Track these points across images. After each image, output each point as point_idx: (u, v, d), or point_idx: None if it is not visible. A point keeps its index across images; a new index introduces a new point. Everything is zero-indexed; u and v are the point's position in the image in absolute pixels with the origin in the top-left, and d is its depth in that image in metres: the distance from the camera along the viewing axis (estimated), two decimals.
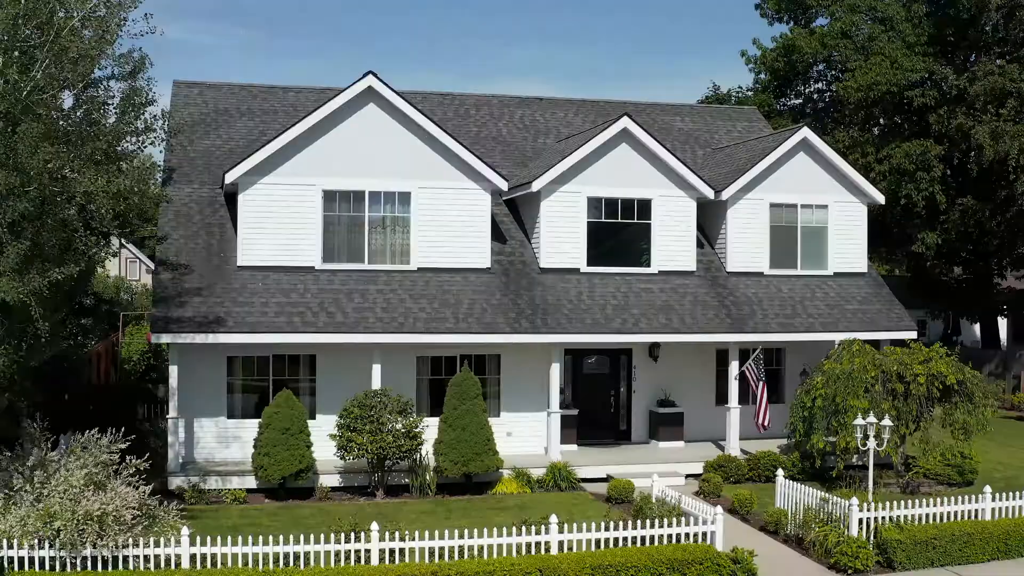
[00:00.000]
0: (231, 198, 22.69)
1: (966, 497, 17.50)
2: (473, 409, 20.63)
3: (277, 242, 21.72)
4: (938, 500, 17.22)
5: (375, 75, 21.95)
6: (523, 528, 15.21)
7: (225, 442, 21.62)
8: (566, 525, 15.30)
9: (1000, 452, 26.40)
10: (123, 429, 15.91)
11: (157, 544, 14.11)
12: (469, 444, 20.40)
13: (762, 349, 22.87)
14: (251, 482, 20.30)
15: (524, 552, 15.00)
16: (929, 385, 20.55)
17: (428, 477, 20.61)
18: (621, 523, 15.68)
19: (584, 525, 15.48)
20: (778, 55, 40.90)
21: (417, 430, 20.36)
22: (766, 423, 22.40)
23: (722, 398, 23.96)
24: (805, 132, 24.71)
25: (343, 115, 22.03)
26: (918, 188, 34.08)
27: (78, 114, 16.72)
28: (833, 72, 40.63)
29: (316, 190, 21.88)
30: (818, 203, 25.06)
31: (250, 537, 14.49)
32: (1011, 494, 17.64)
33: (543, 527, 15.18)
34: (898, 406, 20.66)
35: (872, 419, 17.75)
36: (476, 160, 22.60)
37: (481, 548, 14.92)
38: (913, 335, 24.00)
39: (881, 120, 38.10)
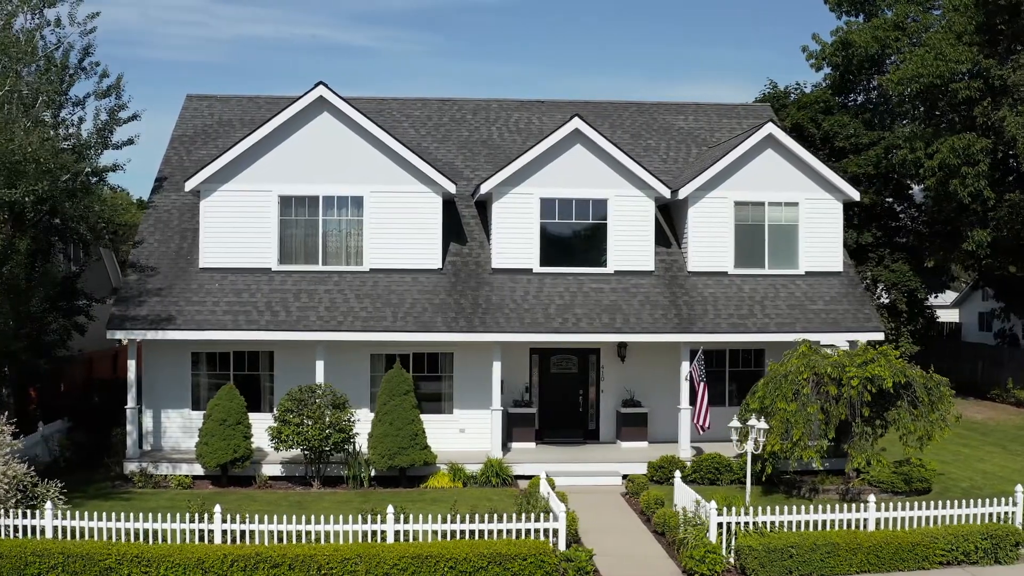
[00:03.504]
0: None
1: (853, 506, 16.83)
2: (402, 405, 21.31)
3: (236, 245, 23.12)
4: (817, 507, 16.65)
5: (326, 85, 23.03)
6: (360, 517, 15.84)
7: (190, 432, 23.16)
8: (402, 516, 15.84)
9: (1001, 460, 24.77)
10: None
11: (24, 516, 15.65)
12: (396, 439, 21.11)
13: (703, 350, 22.42)
14: (199, 469, 21.74)
15: (362, 540, 15.65)
16: (862, 388, 19.67)
17: (362, 469, 21.46)
18: (473, 516, 16.04)
19: (422, 517, 15.97)
20: (836, 50, 39.30)
21: (347, 423, 21.24)
22: (706, 425, 21.97)
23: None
24: (770, 128, 24.02)
25: (298, 124, 23.23)
26: (963, 184, 32.06)
27: None
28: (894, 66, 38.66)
29: (272, 196, 23.17)
30: (787, 200, 24.28)
31: (105, 514, 15.82)
32: (895, 505, 16.80)
33: (378, 516, 15.77)
34: (828, 409, 19.91)
35: (753, 421, 17.33)
36: (425, 165, 23.29)
37: (319, 534, 15.70)
38: (879, 336, 22.93)
39: (933, 113, 35.95)
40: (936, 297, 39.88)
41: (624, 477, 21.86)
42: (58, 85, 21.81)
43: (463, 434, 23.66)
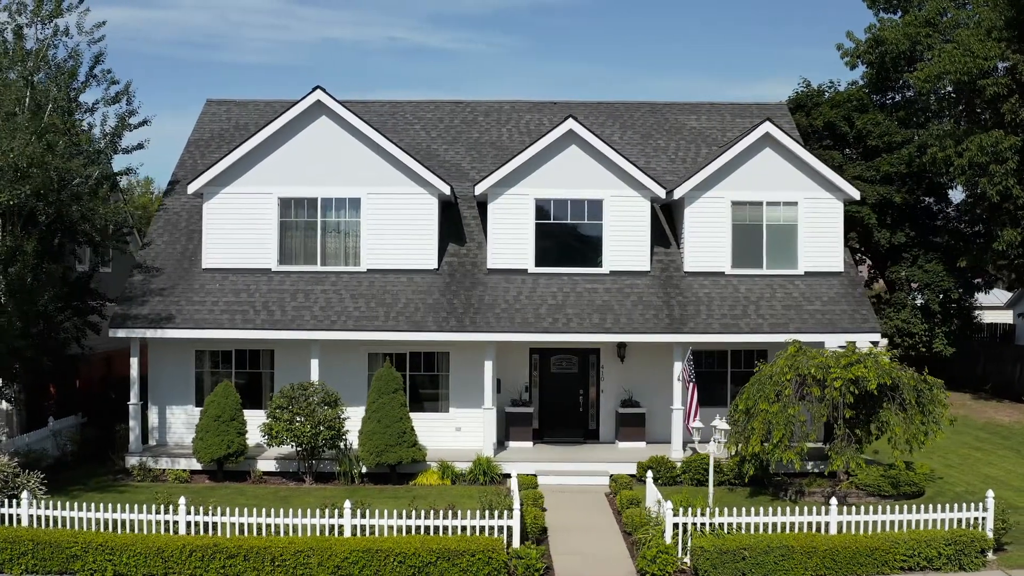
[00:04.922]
0: None
1: (814, 508, 16.60)
2: (391, 403, 21.65)
3: (237, 246, 23.76)
4: (802, 510, 16.48)
5: (323, 89, 23.52)
6: (319, 512, 16.22)
7: (193, 428, 23.74)
8: (359, 511, 16.17)
9: (1010, 464, 24.10)
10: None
11: (1, 504, 16.40)
12: (384, 436, 21.46)
13: (692, 350, 22.25)
14: (197, 464, 22.40)
15: (320, 533, 16.02)
16: (844, 390, 19.34)
17: (353, 466, 21.85)
18: (429, 513, 16.29)
19: (378, 513, 16.27)
20: (869, 47, 38.53)
21: (338, 421, 21.64)
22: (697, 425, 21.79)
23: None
24: (767, 127, 23.72)
25: (297, 127, 23.77)
26: (992, 182, 31.16)
27: None
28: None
29: (272, 198, 23.74)
30: (786, 200, 23.95)
31: (77, 504, 16.49)
32: (861, 509, 16.50)
33: (336, 511, 16.12)
34: (811, 410, 19.64)
35: (716, 421, 17.22)
36: (420, 167, 23.61)
37: (279, 527, 16.13)
38: (876, 337, 22.44)
39: (972, 111, 34.98)
40: (974, 298, 38.67)
41: (611, 477, 21.85)
42: (66, 92, 22.68)
43: (459, 432, 23.91)
